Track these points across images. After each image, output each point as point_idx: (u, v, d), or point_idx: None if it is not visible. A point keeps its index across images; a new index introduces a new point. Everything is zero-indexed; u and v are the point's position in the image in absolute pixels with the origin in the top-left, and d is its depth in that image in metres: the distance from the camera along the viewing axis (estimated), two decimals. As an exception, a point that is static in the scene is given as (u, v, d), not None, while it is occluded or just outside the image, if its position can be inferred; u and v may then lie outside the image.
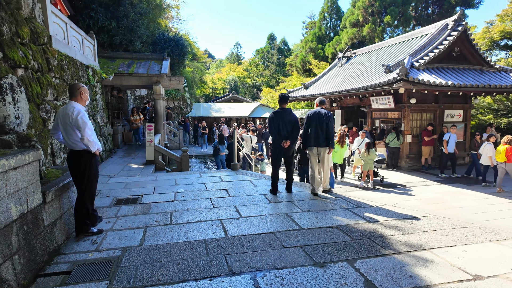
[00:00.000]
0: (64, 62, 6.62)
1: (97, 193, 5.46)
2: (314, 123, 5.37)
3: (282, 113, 5.38)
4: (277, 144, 5.40)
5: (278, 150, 5.45)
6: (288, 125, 5.37)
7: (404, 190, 8.98)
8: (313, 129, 5.41)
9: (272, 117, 5.46)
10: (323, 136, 5.37)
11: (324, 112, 5.42)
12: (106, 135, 10.00)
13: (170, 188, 5.95)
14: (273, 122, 5.43)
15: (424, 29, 13.65)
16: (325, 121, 5.33)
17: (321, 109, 5.54)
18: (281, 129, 5.37)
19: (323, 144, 5.41)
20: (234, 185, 6.12)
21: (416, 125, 12.45)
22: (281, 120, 5.36)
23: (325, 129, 5.33)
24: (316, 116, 5.38)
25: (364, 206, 4.80)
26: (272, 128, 5.45)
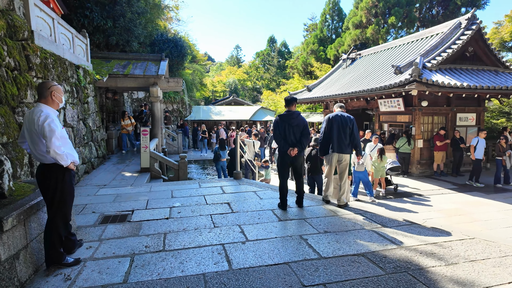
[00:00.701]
0: (49, 60, 5.98)
1: (82, 208, 4.82)
2: (337, 127, 4.83)
3: (289, 116, 4.73)
4: (283, 153, 4.74)
5: (284, 159, 4.79)
6: (296, 130, 4.72)
7: (420, 199, 8.31)
8: (335, 133, 4.84)
9: (277, 121, 4.83)
10: (347, 141, 4.83)
11: (347, 116, 4.92)
12: (99, 140, 9.34)
13: (165, 201, 5.28)
14: (278, 126, 4.80)
15: (434, 29, 13.05)
16: (349, 125, 4.82)
17: (342, 112, 4.98)
18: (287, 135, 4.72)
19: (348, 151, 4.89)
20: (237, 198, 5.46)
21: (427, 129, 11.81)
22: (288, 125, 4.72)
23: (349, 134, 4.84)
24: (339, 119, 4.86)
25: (388, 225, 4.14)
26: (277, 133, 4.80)
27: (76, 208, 4.95)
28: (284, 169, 4.85)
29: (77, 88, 7.65)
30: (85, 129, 7.98)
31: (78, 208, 4.95)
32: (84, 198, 5.53)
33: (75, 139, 7.02)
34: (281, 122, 4.78)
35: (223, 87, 49.19)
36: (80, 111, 7.66)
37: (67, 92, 6.83)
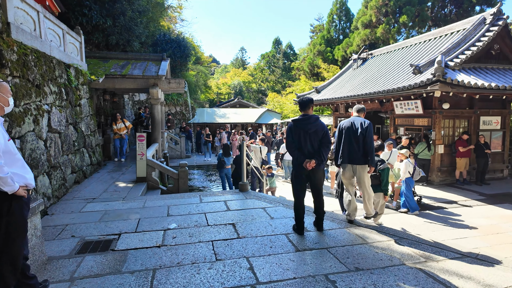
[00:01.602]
0: (30, 57, 5.26)
1: (61, 230, 4.05)
2: (347, 135, 4.35)
3: (305, 121, 3.94)
4: (298, 165, 3.94)
5: (299, 173, 3.98)
6: (313, 138, 3.93)
7: (447, 213, 7.42)
8: (346, 141, 4.35)
9: (290, 127, 4.04)
10: (359, 151, 4.26)
11: (360, 121, 4.33)
12: (94, 145, 8.61)
13: (159, 221, 4.50)
14: (291, 133, 4.01)
15: (454, 26, 12.16)
16: (362, 132, 4.24)
17: (357, 117, 4.44)
18: (303, 144, 3.93)
19: (360, 161, 4.28)
20: (244, 217, 4.65)
21: (448, 133, 10.91)
22: (303, 131, 3.92)
23: (361, 142, 4.25)
24: (350, 125, 4.36)
25: (434, 257, 3.30)
26: (290, 142, 4.01)
27: (54, 230, 4.19)
28: (299, 185, 4.03)
29: (67, 89, 6.93)
30: (76, 134, 7.25)
31: (56, 230, 4.19)
32: (66, 217, 4.77)
33: (62, 146, 6.29)
34: (295, 128, 3.98)
35: (228, 89, 48.58)
36: (70, 115, 6.93)
37: (53, 93, 6.10)
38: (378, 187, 5.19)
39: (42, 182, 5.19)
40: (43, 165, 5.29)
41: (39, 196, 5.00)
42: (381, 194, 5.26)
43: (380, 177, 5.13)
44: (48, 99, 5.83)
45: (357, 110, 4.64)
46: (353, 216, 4.47)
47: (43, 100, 5.63)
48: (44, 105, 5.63)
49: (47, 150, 5.56)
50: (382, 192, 5.25)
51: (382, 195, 5.27)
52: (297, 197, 4.02)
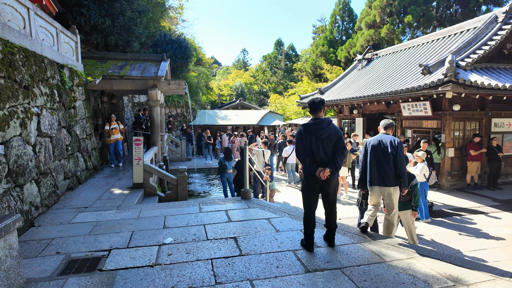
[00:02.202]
0: (18, 56, 4.90)
1: (46, 245, 3.68)
2: (375, 154, 4.14)
3: (317, 125, 3.52)
4: (310, 174, 3.52)
5: (312, 183, 3.57)
6: (326, 144, 3.52)
7: (462, 221, 7.00)
8: (373, 162, 4.13)
9: (300, 132, 3.63)
10: (389, 171, 4.02)
11: (390, 140, 4.08)
12: (89, 149, 8.25)
13: (154, 235, 4.12)
14: (302, 139, 3.59)
15: (463, 24, 11.75)
16: (392, 152, 4.03)
17: (385, 135, 4.20)
18: (315, 151, 3.52)
19: (391, 183, 4.05)
20: (247, 229, 4.26)
21: (459, 136, 10.48)
22: (315, 137, 3.52)
23: (391, 162, 4.03)
24: (378, 144, 4.13)
25: (462, 280, 2.90)
26: (301, 149, 3.60)
27: (38, 245, 3.82)
28: (311, 196, 3.63)
29: (59, 90, 6.58)
30: (70, 138, 6.89)
31: (40, 245, 3.81)
32: (54, 229, 4.39)
33: (54, 151, 5.93)
34: (306, 133, 3.57)
35: (230, 91, 48.30)
36: (63, 117, 6.58)
37: (44, 95, 5.75)
38: (408, 204, 4.78)
39: (29, 190, 4.83)
40: (31, 172, 4.93)
41: (26, 205, 4.64)
42: (409, 211, 4.82)
43: (412, 193, 4.70)
44: (38, 101, 5.47)
45: (384, 126, 4.30)
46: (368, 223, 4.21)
47: (32, 102, 5.27)
48: (33, 107, 5.27)
49: (36, 155, 5.19)
50: (412, 208, 4.81)
51: (410, 212, 4.84)
52: (308, 210, 3.61)
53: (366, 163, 4.27)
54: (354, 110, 14.99)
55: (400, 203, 4.54)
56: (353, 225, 6.83)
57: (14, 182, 4.45)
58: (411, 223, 4.82)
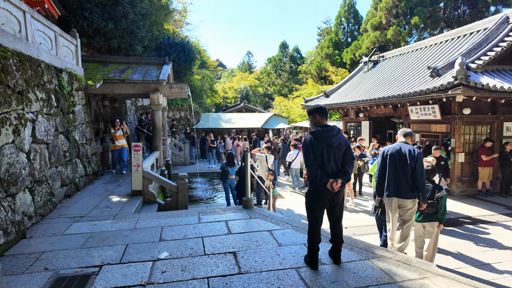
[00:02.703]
0: (11, 61, 4.74)
1: (34, 260, 3.49)
2: (393, 164, 4.04)
3: (328, 133, 3.26)
4: (321, 187, 3.22)
5: (322, 196, 3.28)
6: (337, 153, 3.29)
7: (475, 231, 6.67)
8: (391, 171, 4.02)
9: (310, 140, 3.30)
10: (407, 183, 3.91)
11: (409, 149, 3.98)
12: (89, 155, 8.09)
13: (149, 248, 3.89)
14: (312, 148, 3.28)
15: (473, 25, 11.42)
16: (410, 163, 3.93)
17: (404, 144, 4.08)
18: (326, 161, 3.25)
19: (408, 195, 3.95)
20: (248, 243, 4.02)
21: (469, 140, 10.13)
22: (327, 146, 3.25)
23: (410, 173, 3.94)
24: (397, 154, 4.03)
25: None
26: (311, 158, 3.27)
27: (26, 259, 3.63)
28: (319, 211, 3.34)
29: (57, 95, 6.43)
30: (68, 143, 6.73)
31: (29, 260, 3.61)
32: (45, 241, 4.20)
33: (50, 158, 5.76)
34: (317, 142, 3.26)
35: (234, 94, 48.23)
36: (60, 123, 6.41)
37: (40, 100, 5.59)
38: (434, 216, 4.54)
39: (22, 199, 4.64)
40: (24, 181, 4.75)
41: (18, 216, 4.45)
42: (436, 223, 4.56)
43: (437, 205, 4.48)
44: (33, 106, 5.31)
45: (403, 134, 4.18)
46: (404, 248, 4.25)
47: (27, 108, 5.11)
48: (27, 113, 5.11)
49: (30, 163, 5.02)
50: (438, 221, 4.53)
51: (436, 224, 4.58)
52: (315, 226, 3.34)
53: (383, 171, 4.14)
54: (360, 114, 14.68)
55: (424, 214, 4.47)
56: (360, 233, 6.56)
57: (5, 192, 4.27)
58: (436, 237, 4.57)
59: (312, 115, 3.44)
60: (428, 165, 4.71)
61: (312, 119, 3.44)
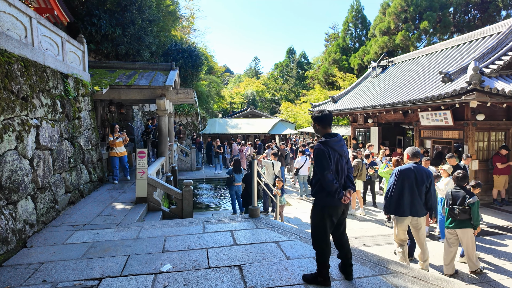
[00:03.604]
0: (16, 66, 4.69)
1: (32, 272, 3.36)
2: (409, 184, 4.18)
3: (339, 142, 3.07)
4: (337, 201, 3.01)
5: (337, 211, 3.06)
6: (344, 162, 3.13)
7: (491, 242, 6.36)
8: (407, 191, 4.16)
9: (326, 151, 2.98)
10: (421, 202, 4.15)
11: (423, 170, 4.19)
12: (95, 161, 8.02)
13: (151, 260, 3.74)
14: (327, 158, 2.97)
15: (486, 29, 11.16)
16: (426, 184, 4.15)
17: (416, 165, 4.28)
18: (339, 172, 3.07)
19: (422, 213, 4.19)
20: (254, 255, 3.84)
21: (483, 147, 9.81)
22: (339, 155, 3.06)
23: (424, 193, 4.17)
24: (412, 174, 4.19)
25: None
26: (327, 169, 2.95)
27: (25, 271, 3.50)
28: (332, 227, 3.11)
29: (63, 101, 6.38)
30: (73, 149, 6.66)
31: (28, 271, 3.49)
32: (46, 250, 4.08)
33: (54, 164, 5.68)
34: (332, 151, 3.00)
35: (241, 99, 48.27)
36: (65, 129, 6.35)
37: (44, 106, 5.53)
38: (468, 222, 4.60)
39: (24, 207, 4.55)
40: (26, 188, 4.66)
41: (19, 224, 4.35)
42: (469, 229, 4.63)
43: (469, 211, 4.55)
44: (37, 112, 5.25)
45: (412, 154, 4.39)
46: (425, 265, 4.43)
47: (31, 114, 5.04)
48: (31, 119, 5.04)
49: (33, 170, 4.94)
50: (472, 227, 4.59)
51: (471, 231, 4.61)
52: (328, 243, 3.09)
53: (396, 191, 4.30)
54: (369, 119, 14.43)
55: (457, 221, 4.64)
56: (370, 243, 6.31)
57: (6, 199, 4.18)
58: (471, 243, 4.63)
59: (313, 123, 3.23)
60: (459, 172, 4.84)
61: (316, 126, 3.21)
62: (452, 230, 4.73)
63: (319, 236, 3.10)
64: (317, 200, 3.11)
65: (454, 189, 4.84)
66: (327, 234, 3.08)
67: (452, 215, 4.68)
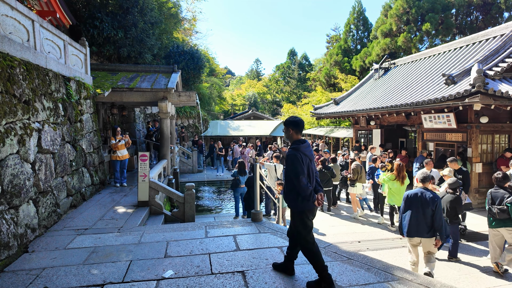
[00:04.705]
0: (18, 70, 4.68)
1: (33, 278, 3.33)
2: (415, 207, 4.52)
3: (309, 147, 3.23)
4: (312, 204, 3.10)
5: (313, 213, 3.25)
6: (313, 166, 3.29)
7: (497, 247, 6.28)
8: (413, 214, 4.50)
9: (300, 157, 3.08)
10: (427, 224, 4.44)
11: (430, 196, 4.45)
12: (97, 164, 8.00)
13: (153, 266, 3.70)
14: (301, 163, 3.06)
15: (489, 31, 11.10)
16: (431, 207, 4.41)
17: (424, 190, 4.57)
18: (311, 177, 3.20)
19: (428, 234, 4.45)
20: (257, 261, 3.80)
21: (486, 150, 9.74)
22: (310, 160, 3.20)
23: (430, 216, 4.43)
24: (418, 199, 4.52)
25: None
26: (302, 174, 3.04)
27: (26, 277, 3.47)
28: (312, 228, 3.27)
29: (65, 104, 6.37)
30: (75, 153, 6.65)
31: (29, 277, 3.46)
32: (47, 255, 4.05)
33: (55, 168, 5.66)
34: (304, 157, 3.11)
35: (243, 101, 48.28)
36: (67, 132, 6.34)
37: (46, 109, 5.52)
38: (508, 221, 4.82)
39: (25, 211, 4.52)
40: (28, 192, 4.64)
41: (21, 229, 4.33)
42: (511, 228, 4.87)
43: (507, 210, 4.78)
44: (39, 116, 5.23)
45: (422, 179, 4.67)
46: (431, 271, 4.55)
47: (33, 118, 5.03)
48: (33, 123, 5.03)
49: (35, 173, 4.92)
50: None
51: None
52: (314, 243, 3.19)
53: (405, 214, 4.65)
54: (371, 121, 14.37)
55: (496, 220, 4.91)
56: (374, 248, 6.24)
57: (8, 204, 4.16)
58: None
59: (286, 127, 3.28)
60: (499, 172, 5.10)
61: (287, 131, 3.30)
62: (495, 229, 5.00)
63: (306, 241, 3.16)
64: (295, 207, 3.18)
65: (493, 190, 5.09)
66: (312, 237, 3.20)
67: (492, 214, 4.97)
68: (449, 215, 5.58)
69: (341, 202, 10.15)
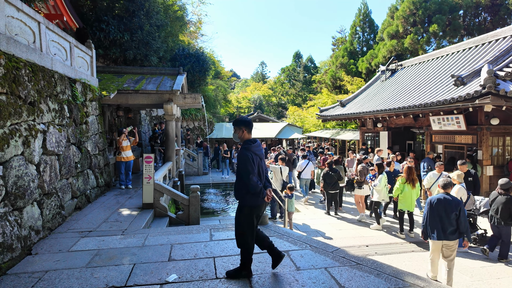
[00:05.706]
0: (24, 71, 4.67)
1: (36, 281, 3.27)
2: (440, 212, 4.65)
3: (258, 147, 3.37)
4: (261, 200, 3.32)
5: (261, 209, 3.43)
6: (263, 164, 3.49)
7: (510, 252, 6.09)
8: (437, 218, 4.65)
9: (251, 157, 3.24)
10: (452, 228, 4.59)
11: (452, 200, 4.64)
12: (102, 166, 7.99)
13: (157, 269, 3.63)
14: (252, 162, 3.23)
15: (499, 32, 10.91)
16: (455, 212, 4.58)
17: (446, 195, 4.71)
18: (261, 174, 3.41)
19: (453, 237, 4.60)
20: (263, 265, 3.70)
21: (497, 152, 9.54)
22: (259, 158, 3.38)
23: (455, 220, 4.60)
24: (442, 204, 4.67)
25: None
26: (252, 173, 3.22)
27: (28, 280, 3.43)
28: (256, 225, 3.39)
29: (70, 106, 6.36)
30: (80, 155, 6.63)
31: (31, 280, 3.41)
32: (50, 258, 4.00)
33: (60, 169, 5.64)
34: (255, 156, 3.29)
35: (248, 103, 48.28)
36: (72, 134, 6.33)
37: (52, 111, 5.51)
38: None
39: (29, 213, 4.49)
40: (33, 194, 4.61)
41: (24, 231, 4.29)
42: None
43: None
44: (44, 117, 5.22)
45: (443, 186, 4.77)
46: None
47: (38, 119, 5.02)
48: (38, 124, 5.01)
49: (39, 175, 4.89)
50: None
51: None
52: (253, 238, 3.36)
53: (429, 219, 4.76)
54: (378, 124, 14.20)
55: None
56: (382, 252, 6.09)
57: (12, 206, 4.13)
58: None
59: (238, 127, 3.40)
60: None
61: (238, 131, 3.40)
62: None
63: (247, 234, 3.28)
64: (243, 202, 3.31)
65: None
66: (253, 231, 3.33)
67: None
68: (503, 216, 5.55)
69: (345, 204, 10.02)
